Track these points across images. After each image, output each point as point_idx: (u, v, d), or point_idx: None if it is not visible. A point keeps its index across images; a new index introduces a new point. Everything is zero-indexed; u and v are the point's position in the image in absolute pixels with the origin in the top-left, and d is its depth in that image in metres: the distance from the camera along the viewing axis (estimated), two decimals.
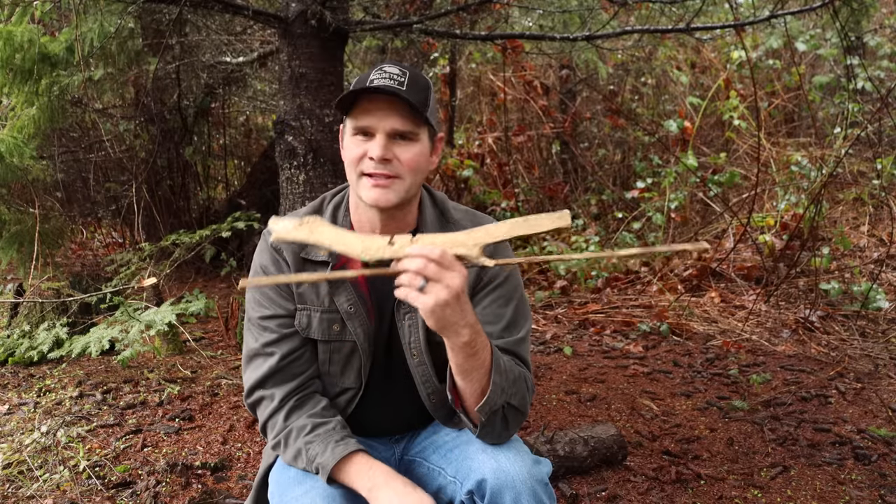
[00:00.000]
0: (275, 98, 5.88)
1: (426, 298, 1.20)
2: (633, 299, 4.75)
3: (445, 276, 1.20)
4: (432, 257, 1.20)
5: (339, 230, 1.27)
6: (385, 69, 1.40)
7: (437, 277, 1.20)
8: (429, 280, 1.20)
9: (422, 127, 1.41)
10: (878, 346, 3.85)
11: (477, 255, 1.25)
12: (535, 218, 1.25)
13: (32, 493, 2.32)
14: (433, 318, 1.23)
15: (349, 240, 1.26)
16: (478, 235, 1.26)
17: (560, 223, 1.25)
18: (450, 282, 1.20)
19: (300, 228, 1.26)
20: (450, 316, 1.23)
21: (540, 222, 1.25)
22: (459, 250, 1.24)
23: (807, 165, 5.67)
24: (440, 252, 1.20)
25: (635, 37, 5.24)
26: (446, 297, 1.20)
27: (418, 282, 1.20)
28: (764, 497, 2.37)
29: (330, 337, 1.52)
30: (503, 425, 1.40)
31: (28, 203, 4.72)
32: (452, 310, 1.22)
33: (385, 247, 1.24)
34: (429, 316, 1.23)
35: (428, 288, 1.20)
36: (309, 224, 1.26)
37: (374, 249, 1.25)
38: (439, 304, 1.20)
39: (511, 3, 4.52)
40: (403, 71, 1.40)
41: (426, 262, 1.20)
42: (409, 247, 1.23)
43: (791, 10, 3.48)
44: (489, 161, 6.92)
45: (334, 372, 1.55)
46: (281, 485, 1.44)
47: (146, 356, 3.63)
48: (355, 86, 1.41)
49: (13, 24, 3.57)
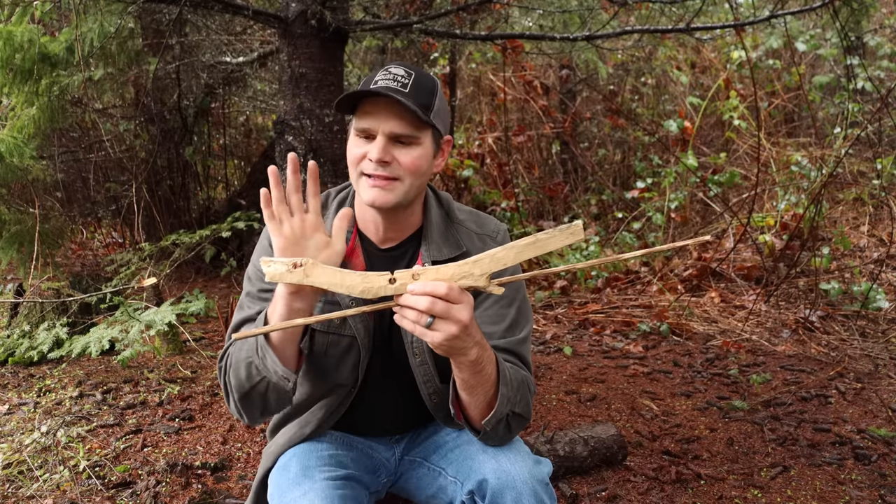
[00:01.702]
0: (275, 98, 5.88)
1: (435, 335, 1.18)
2: (633, 299, 4.75)
3: (453, 312, 1.17)
4: (439, 294, 1.16)
5: (336, 271, 1.22)
6: (391, 70, 1.39)
7: (445, 315, 1.17)
8: (436, 317, 1.17)
9: (424, 130, 1.40)
10: (878, 346, 3.85)
11: (485, 284, 1.20)
12: (546, 236, 1.17)
13: (32, 493, 2.32)
14: (442, 350, 1.22)
15: (349, 280, 1.21)
16: (485, 264, 1.19)
17: (572, 238, 1.16)
18: (459, 316, 1.18)
19: (294, 272, 1.20)
20: (459, 345, 1.22)
21: (550, 241, 1.17)
22: (466, 282, 1.19)
23: (807, 165, 5.67)
24: (446, 288, 1.16)
25: (635, 37, 5.25)
26: (456, 332, 1.18)
27: (425, 320, 1.17)
28: (764, 497, 2.37)
29: (329, 328, 1.49)
30: (506, 430, 1.40)
31: (28, 203, 4.72)
32: (462, 340, 1.21)
33: (386, 286, 1.20)
34: (437, 348, 1.22)
35: (436, 325, 1.17)
36: (303, 268, 1.20)
37: (376, 289, 1.20)
38: (448, 338, 1.19)
39: (511, 3, 4.52)
40: (409, 72, 1.39)
41: (433, 300, 1.16)
42: (411, 284, 1.18)
43: (791, 10, 3.48)
44: (489, 161, 6.93)
45: (328, 365, 1.51)
46: (280, 486, 1.44)
47: (146, 356, 3.63)
48: (362, 85, 1.41)
49: (13, 24, 3.57)
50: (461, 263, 1.20)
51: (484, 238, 1.55)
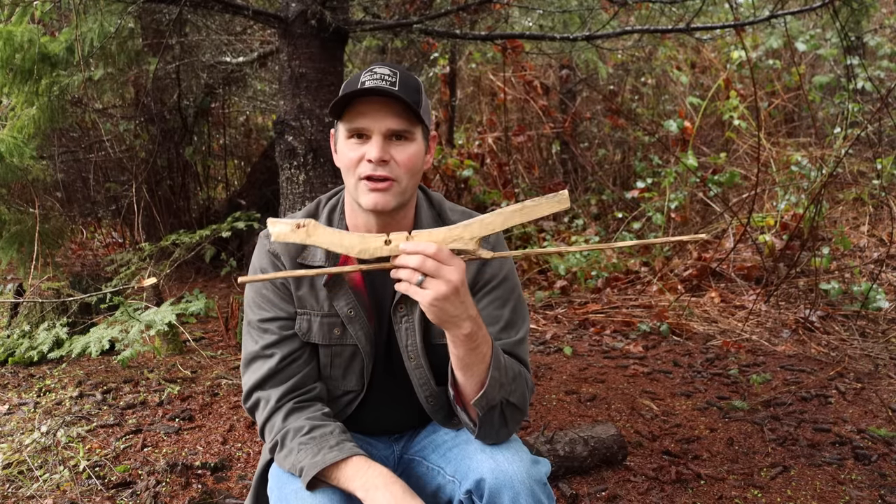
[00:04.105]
0: (275, 98, 5.88)
1: (425, 293, 1.22)
2: (633, 299, 4.75)
3: (443, 271, 1.21)
4: (429, 253, 1.21)
5: (335, 232, 1.28)
6: (376, 70, 1.39)
7: (434, 273, 1.21)
8: (427, 276, 1.21)
9: (416, 126, 1.41)
10: (878, 346, 3.85)
11: (474, 248, 1.26)
12: (532, 203, 1.24)
13: (32, 493, 2.32)
14: (433, 312, 1.24)
15: (347, 241, 1.27)
16: (474, 228, 1.26)
17: (559, 206, 1.23)
18: (448, 276, 1.22)
19: (298, 231, 1.26)
20: (450, 309, 1.24)
21: (537, 208, 1.23)
22: (456, 245, 1.26)
23: (807, 165, 5.67)
24: (436, 248, 1.22)
25: (635, 37, 5.25)
26: (445, 291, 1.21)
27: (416, 278, 1.22)
28: (764, 497, 2.37)
29: (331, 341, 1.51)
30: (501, 422, 1.39)
31: (28, 203, 4.72)
32: (452, 303, 1.23)
33: (382, 247, 1.26)
34: (428, 310, 1.24)
35: (426, 283, 1.22)
36: (306, 227, 1.26)
37: (372, 250, 1.26)
38: (438, 298, 1.22)
39: (511, 3, 4.52)
40: (394, 71, 1.39)
41: (423, 258, 1.21)
42: (403, 244, 1.24)
43: (791, 10, 3.48)
44: (489, 161, 6.92)
45: (336, 375, 1.55)
46: (280, 479, 1.44)
47: (146, 356, 3.63)
48: (346, 88, 1.40)
49: (13, 24, 3.57)
50: (451, 228, 1.27)
51: None
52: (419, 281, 1.22)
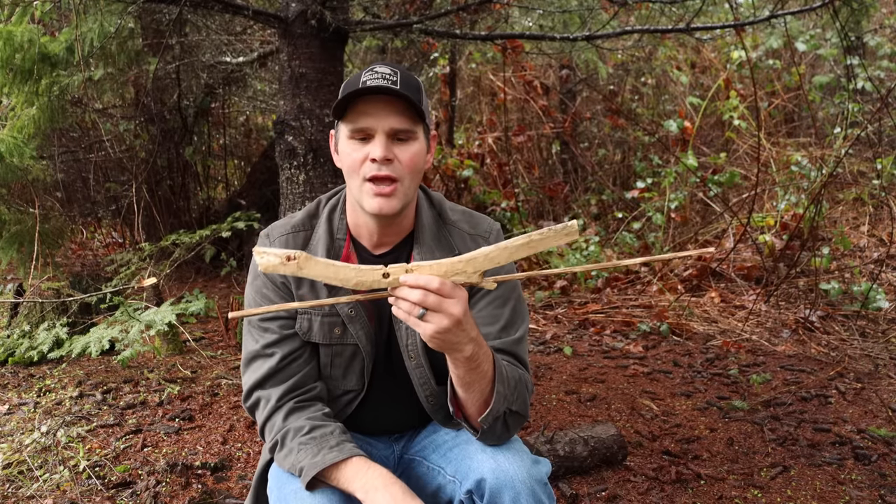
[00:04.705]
0: (275, 98, 5.88)
1: (427, 326, 1.19)
2: (633, 299, 4.75)
3: (445, 305, 1.18)
4: (431, 288, 1.18)
5: (329, 264, 1.22)
6: (377, 69, 1.39)
7: (436, 308, 1.18)
8: (428, 310, 1.18)
9: (419, 125, 1.41)
10: (878, 346, 3.85)
11: (478, 280, 1.21)
12: (539, 237, 1.17)
13: (32, 493, 2.32)
14: (434, 343, 1.23)
15: (342, 274, 1.22)
16: (478, 262, 1.20)
17: (566, 239, 1.17)
18: (451, 310, 1.19)
19: (288, 264, 1.20)
20: (452, 339, 1.22)
21: (544, 241, 1.17)
22: (459, 278, 1.21)
23: (807, 165, 5.67)
24: (439, 283, 1.18)
25: (635, 37, 5.25)
26: (448, 325, 1.19)
27: (417, 311, 1.19)
28: (764, 497, 2.37)
29: (331, 340, 1.51)
30: (504, 429, 1.40)
31: (28, 203, 4.72)
32: (454, 334, 1.21)
33: (379, 280, 1.21)
34: (430, 341, 1.22)
35: (428, 317, 1.19)
36: (297, 260, 1.20)
37: (370, 283, 1.22)
38: (440, 331, 1.20)
39: (511, 3, 4.52)
40: (395, 70, 1.39)
41: (425, 293, 1.18)
42: (404, 276, 1.20)
43: (791, 10, 3.48)
44: (489, 161, 6.92)
45: (336, 375, 1.55)
46: (280, 479, 1.44)
47: (146, 356, 3.63)
48: (347, 88, 1.40)
49: (13, 24, 3.57)
50: (455, 261, 1.21)
51: (477, 239, 1.55)
52: (420, 315, 1.19)
